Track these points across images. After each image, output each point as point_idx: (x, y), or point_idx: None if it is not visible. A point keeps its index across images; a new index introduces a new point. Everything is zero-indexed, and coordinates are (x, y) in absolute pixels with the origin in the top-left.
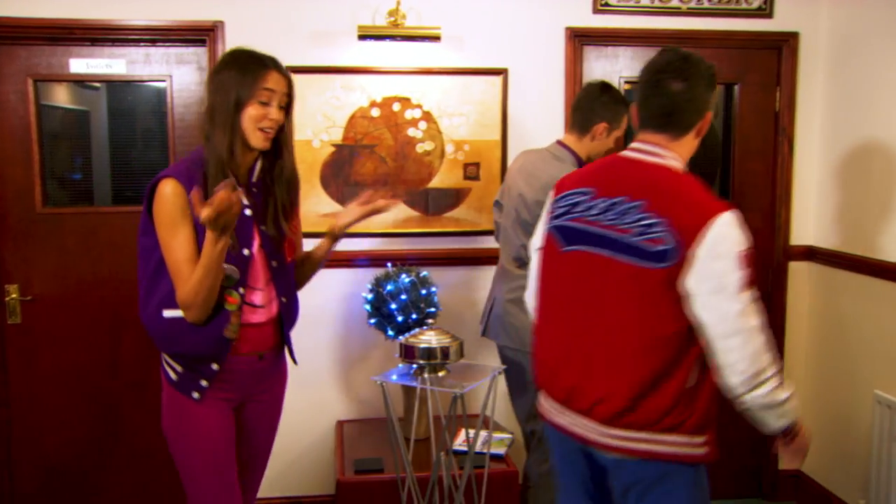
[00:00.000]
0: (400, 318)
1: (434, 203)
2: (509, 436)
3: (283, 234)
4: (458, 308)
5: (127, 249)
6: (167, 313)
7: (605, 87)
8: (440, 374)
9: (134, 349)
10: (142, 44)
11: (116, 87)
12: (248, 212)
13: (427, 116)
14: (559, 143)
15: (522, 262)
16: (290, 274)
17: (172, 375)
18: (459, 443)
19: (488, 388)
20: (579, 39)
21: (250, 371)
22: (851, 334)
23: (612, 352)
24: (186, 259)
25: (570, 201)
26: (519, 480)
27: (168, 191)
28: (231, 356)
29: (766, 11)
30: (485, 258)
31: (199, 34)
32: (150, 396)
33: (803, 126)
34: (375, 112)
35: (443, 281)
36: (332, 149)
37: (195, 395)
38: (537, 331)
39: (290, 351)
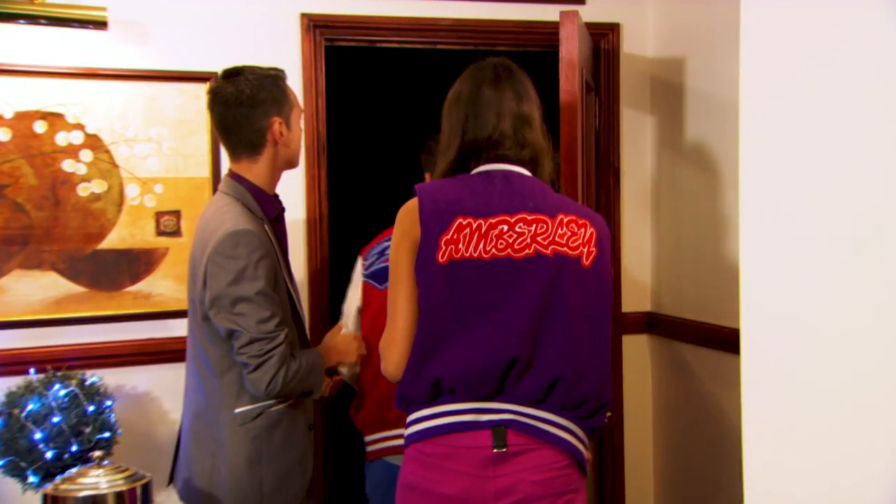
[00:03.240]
0: (49, 454)
1: (109, 272)
2: None
3: None
4: (148, 428)
5: None
6: None
7: (231, 75)
8: None
9: None
10: None
11: None
12: None
13: (93, 142)
14: (231, 174)
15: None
16: None
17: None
18: None
19: None
20: (321, 31)
21: None
22: (711, 425)
23: None
24: None
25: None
26: None
27: None
28: None
29: None
30: None
31: None
32: None
33: (630, 149)
34: (5, 135)
35: (125, 389)
36: None
37: None
38: None
39: None
